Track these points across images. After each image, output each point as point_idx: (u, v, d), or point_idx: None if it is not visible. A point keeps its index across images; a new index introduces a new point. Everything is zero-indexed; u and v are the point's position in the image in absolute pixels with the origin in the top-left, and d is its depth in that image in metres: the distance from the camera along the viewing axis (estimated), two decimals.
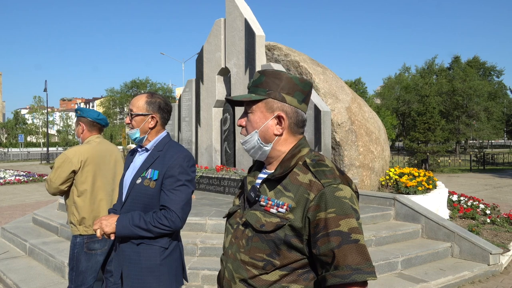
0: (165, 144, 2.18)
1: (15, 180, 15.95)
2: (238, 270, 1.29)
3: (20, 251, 5.64)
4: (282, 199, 1.24)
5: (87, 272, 3.03)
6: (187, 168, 2.11)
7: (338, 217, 1.16)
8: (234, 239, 1.33)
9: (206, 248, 4.74)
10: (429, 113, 21.82)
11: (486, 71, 45.06)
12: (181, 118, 8.96)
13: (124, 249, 2.10)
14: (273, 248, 1.22)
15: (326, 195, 1.18)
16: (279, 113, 1.30)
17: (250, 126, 1.32)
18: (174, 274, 2.12)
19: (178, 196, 2.04)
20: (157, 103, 2.19)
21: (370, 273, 1.13)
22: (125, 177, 2.21)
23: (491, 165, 22.37)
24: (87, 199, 3.05)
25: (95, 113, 3.20)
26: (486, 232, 6.04)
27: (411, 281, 4.37)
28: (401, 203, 5.85)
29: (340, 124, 6.93)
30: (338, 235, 1.15)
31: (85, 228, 3.04)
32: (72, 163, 2.96)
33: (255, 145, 1.32)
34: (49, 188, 3.00)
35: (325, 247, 1.16)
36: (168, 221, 2.00)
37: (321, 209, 1.18)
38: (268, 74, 1.31)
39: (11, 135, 56.88)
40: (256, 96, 1.30)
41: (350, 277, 1.12)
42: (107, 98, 60.50)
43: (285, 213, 1.22)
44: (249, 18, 7.34)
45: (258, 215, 1.27)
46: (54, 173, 2.97)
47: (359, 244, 1.15)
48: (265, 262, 1.23)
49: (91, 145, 3.14)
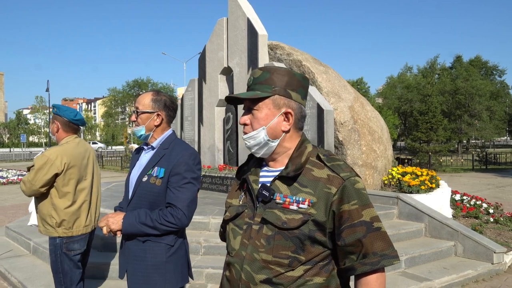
0: (171, 142, 2.19)
1: (18, 179, 15.98)
2: (259, 270, 1.26)
3: (24, 249, 5.66)
4: (300, 195, 1.25)
5: (72, 271, 2.99)
6: (193, 166, 2.11)
7: (361, 208, 1.24)
8: (247, 240, 1.31)
9: (210, 246, 4.75)
10: (432, 112, 21.80)
11: (488, 70, 44.94)
12: (184, 118, 8.97)
13: (130, 247, 2.10)
14: (298, 244, 1.24)
15: (347, 188, 1.24)
16: (287, 109, 1.31)
17: (257, 123, 1.31)
18: (180, 272, 2.13)
19: (184, 194, 2.04)
20: (163, 101, 2.19)
21: (395, 257, 1.24)
22: (131, 175, 2.22)
23: (494, 165, 22.30)
24: (69, 201, 2.95)
25: (72, 113, 3.07)
26: (490, 231, 6.03)
27: (415, 279, 4.37)
28: (404, 202, 5.85)
29: (343, 123, 6.93)
30: (363, 225, 1.23)
31: (65, 230, 2.94)
32: (56, 166, 2.85)
33: (261, 142, 1.31)
34: (27, 190, 2.87)
35: (352, 237, 1.23)
36: (174, 219, 2.00)
37: (344, 201, 1.23)
38: (273, 71, 1.31)
39: (13, 135, 57.03)
40: (263, 93, 1.30)
41: (379, 263, 1.22)
42: (109, 98, 60.61)
43: (307, 209, 1.24)
44: (252, 17, 7.34)
45: (277, 213, 1.26)
46: (34, 175, 2.83)
47: (381, 232, 1.25)
48: (290, 259, 1.24)
49: (71, 146, 3.02)
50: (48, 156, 2.87)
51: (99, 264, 4.45)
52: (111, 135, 63.60)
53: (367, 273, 1.22)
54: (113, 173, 19.43)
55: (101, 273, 4.41)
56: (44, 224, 2.97)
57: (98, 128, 71.78)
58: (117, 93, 55.88)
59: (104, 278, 4.41)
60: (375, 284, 1.22)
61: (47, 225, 2.96)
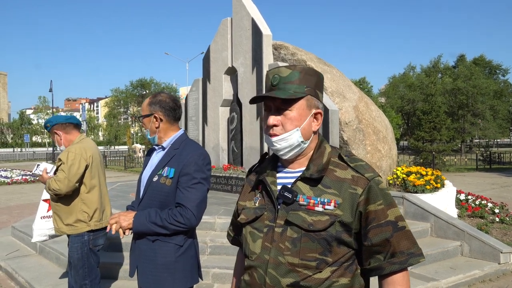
0: (182, 142, 2.20)
1: (22, 179, 16.05)
2: (286, 274, 1.24)
3: (30, 249, 5.68)
4: (325, 196, 1.24)
5: (95, 266, 3.14)
6: (203, 166, 2.12)
7: (386, 208, 1.24)
8: (269, 243, 1.27)
9: (216, 246, 4.75)
10: (435, 112, 21.69)
11: (492, 69, 44.73)
12: (188, 118, 8.98)
13: (140, 246, 2.12)
14: (325, 246, 1.22)
15: (373, 188, 1.24)
16: (317, 110, 1.31)
17: (290, 124, 1.27)
18: (189, 272, 2.14)
19: (193, 194, 2.05)
20: (158, 102, 2.21)
21: (420, 255, 1.26)
22: (143, 174, 2.24)
23: (498, 164, 22.21)
24: (97, 193, 3.12)
25: (61, 116, 3.24)
26: (496, 231, 6.01)
27: (422, 279, 4.36)
28: (410, 202, 5.84)
29: (348, 123, 6.92)
30: (389, 224, 1.24)
31: (96, 222, 3.09)
32: (84, 158, 3.02)
33: (294, 143, 1.27)
34: (65, 187, 2.94)
35: (379, 237, 1.23)
36: (183, 219, 2.01)
37: (370, 202, 1.23)
38: (302, 70, 1.29)
39: (16, 135, 57.23)
40: (299, 94, 1.27)
41: (407, 262, 1.23)
42: (112, 98, 60.70)
43: (333, 210, 1.23)
44: (256, 17, 7.34)
45: (302, 215, 1.24)
46: (69, 171, 2.93)
47: (406, 230, 1.26)
48: (318, 261, 1.23)
49: (87, 141, 3.20)
50: (74, 152, 3.01)
51: (106, 263, 4.46)
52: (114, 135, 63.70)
53: (394, 272, 1.23)
54: (116, 173, 19.47)
55: (108, 273, 4.42)
56: (74, 223, 3.05)
57: (101, 128, 71.93)
58: (120, 94, 55.95)
59: (111, 278, 4.43)
60: (402, 282, 1.24)
61: (78, 222, 3.05)
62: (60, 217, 3.10)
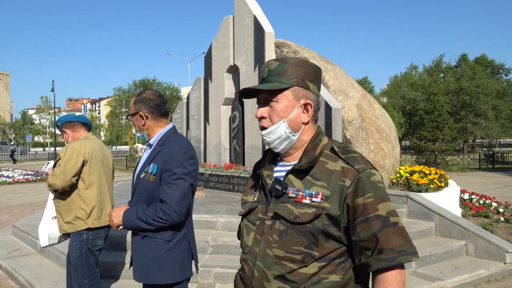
0: (167, 138, 2.22)
1: (24, 179, 16.04)
2: (271, 266, 1.23)
3: (31, 248, 5.65)
4: (314, 188, 1.21)
5: (94, 266, 3.12)
6: (184, 161, 2.12)
7: (376, 202, 1.17)
8: (260, 236, 1.27)
9: (218, 245, 4.70)
10: (437, 111, 21.60)
11: (494, 69, 44.59)
12: (190, 116, 8.94)
13: (134, 241, 2.21)
14: (311, 239, 1.19)
15: (362, 181, 1.18)
16: (306, 100, 1.28)
17: (276, 115, 1.27)
18: (179, 266, 2.15)
19: (173, 190, 2.06)
20: (142, 99, 2.25)
21: (413, 253, 1.16)
22: (136, 172, 2.32)
23: (501, 164, 22.11)
24: (96, 190, 3.09)
25: (71, 115, 3.32)
26: (501, 231, 5.94)
27: (427, 279, 4.30)
28: (413, 201, 5.78)
29: (351, 121, 6.86)
30: (378, 219, 1.16)
31: (94, 221, 3.06)
32: (82, 153, 3.01)
33: (282, 135, 1.26)
34: (60, 182, 2.92)
35: (366, 232, 1.16)
36: (164, 215, 2.04)
37: (358, 194, 1.17)
38: (290, 61, 1.28)
39: (18, 135, 57.31)
40: (283, 85, 1.25)
41: (396, 260, 1.14)
42: (114, 98, 60.74)
43: (320, 202, 1.19)
44: (258, 15, 7.29)
45: (290, 207, 1.22)
46: (65, 166, 2.93)
47: (398, 227, 1.17)
48: (303, 255, 1.19)
49: (91, 139, 3.21)
50: (73, 147, 3.02)
51: (107, 263, 4.42)
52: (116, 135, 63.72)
53: (384, 270, 1.15)
54: (118, 173, 19.43)
55: (109, 272, 4.38)
56: (73, 220, 3.04)
57: (102, 128, 72.03)
58: (122, 93, 55.98)
59: (113, 277, 4.38)
60: (393, 282, 1.14)
61: (76, 220, 3.03)
62: (61, 214, 3.09)
